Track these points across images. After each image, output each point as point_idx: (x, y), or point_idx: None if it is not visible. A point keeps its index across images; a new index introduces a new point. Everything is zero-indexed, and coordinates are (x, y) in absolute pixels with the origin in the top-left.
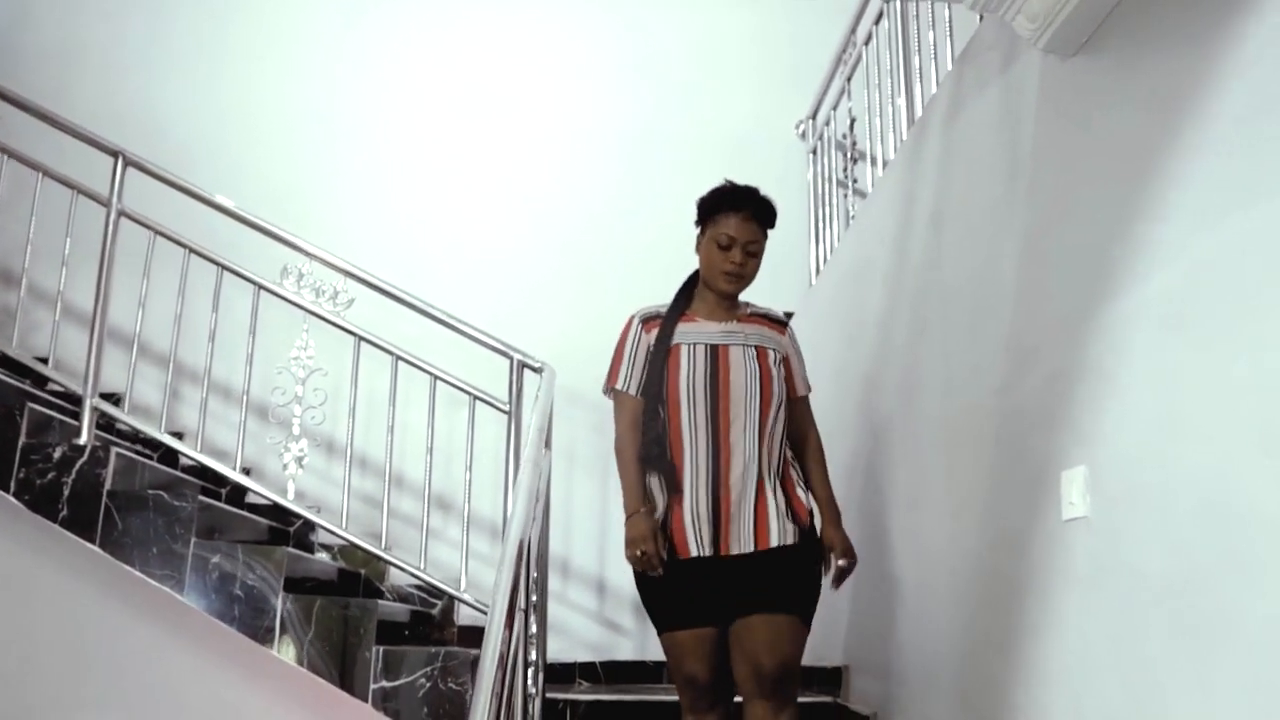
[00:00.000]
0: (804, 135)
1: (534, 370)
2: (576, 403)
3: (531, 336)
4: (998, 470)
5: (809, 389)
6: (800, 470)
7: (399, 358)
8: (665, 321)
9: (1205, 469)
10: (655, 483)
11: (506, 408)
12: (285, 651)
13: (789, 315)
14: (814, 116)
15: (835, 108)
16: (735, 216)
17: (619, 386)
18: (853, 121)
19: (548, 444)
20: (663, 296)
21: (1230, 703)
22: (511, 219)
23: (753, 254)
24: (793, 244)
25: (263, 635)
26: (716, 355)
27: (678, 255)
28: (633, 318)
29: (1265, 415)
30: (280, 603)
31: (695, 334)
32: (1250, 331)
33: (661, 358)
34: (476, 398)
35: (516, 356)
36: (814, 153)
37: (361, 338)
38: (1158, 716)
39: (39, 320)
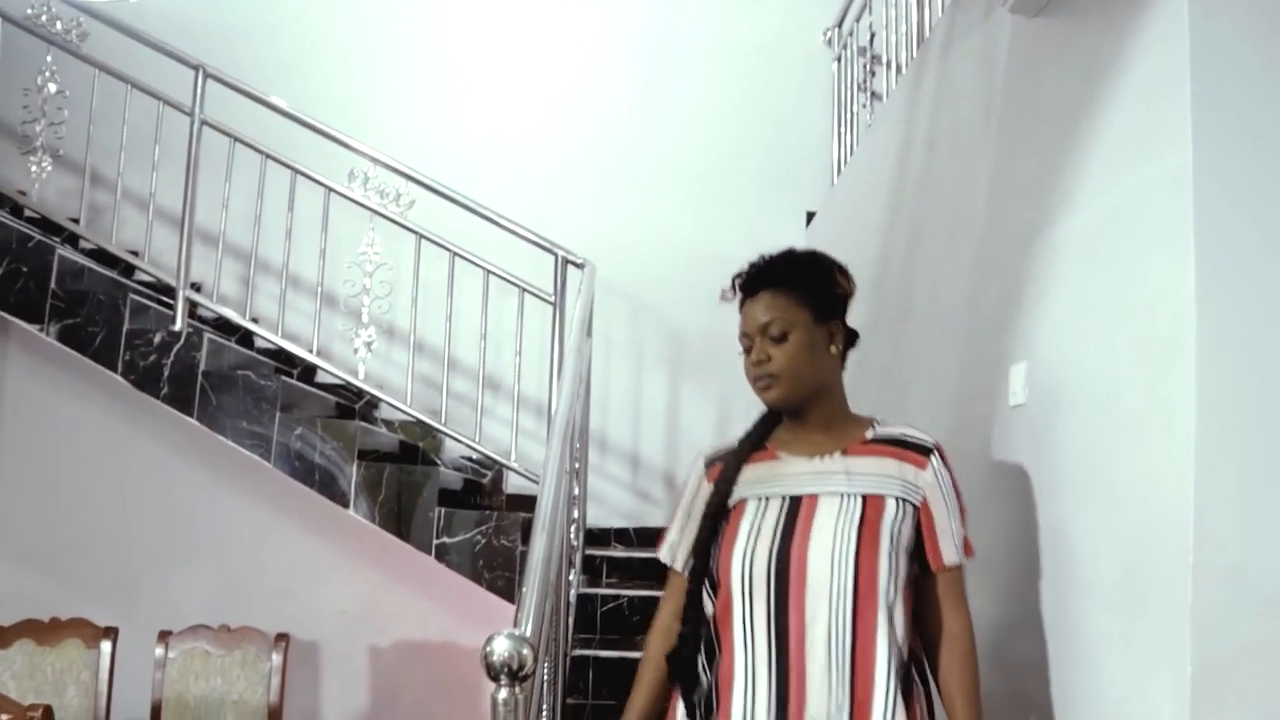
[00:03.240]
0: (830, 43)
1: (576, 265)
2: (613, 293)
3: (573, 233)
4: (965, 364)
5: (963, 553)
6: (933, 684)
7: (455, 253)
8: (728, 461)
9: (1102, 371)
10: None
11: (551, 299)
12: (359, 511)
13: (929, 448)
14: (839, 25)
15: (859, 19)
16: (747, 306)
17: (663, 557)
18: (872, 36)
19: (588, 332)
20: (694, 203)
21: (1120, 531)
22: (551, 123)
23: (777, 338)
24: (816, 144)
25: (339, 497)
26: (796, 514)
27: (706, 159)
28: (698, 457)
29: (1141, 333)
30: (354, 470)
31: (770, 481)
32: (1139, 268)
33: (714, 519)
34: (525, 290)
35: (560, 253)
36: (839, 60)
37: (421, 235)
38: (1068, 550)
39: (127, 218)
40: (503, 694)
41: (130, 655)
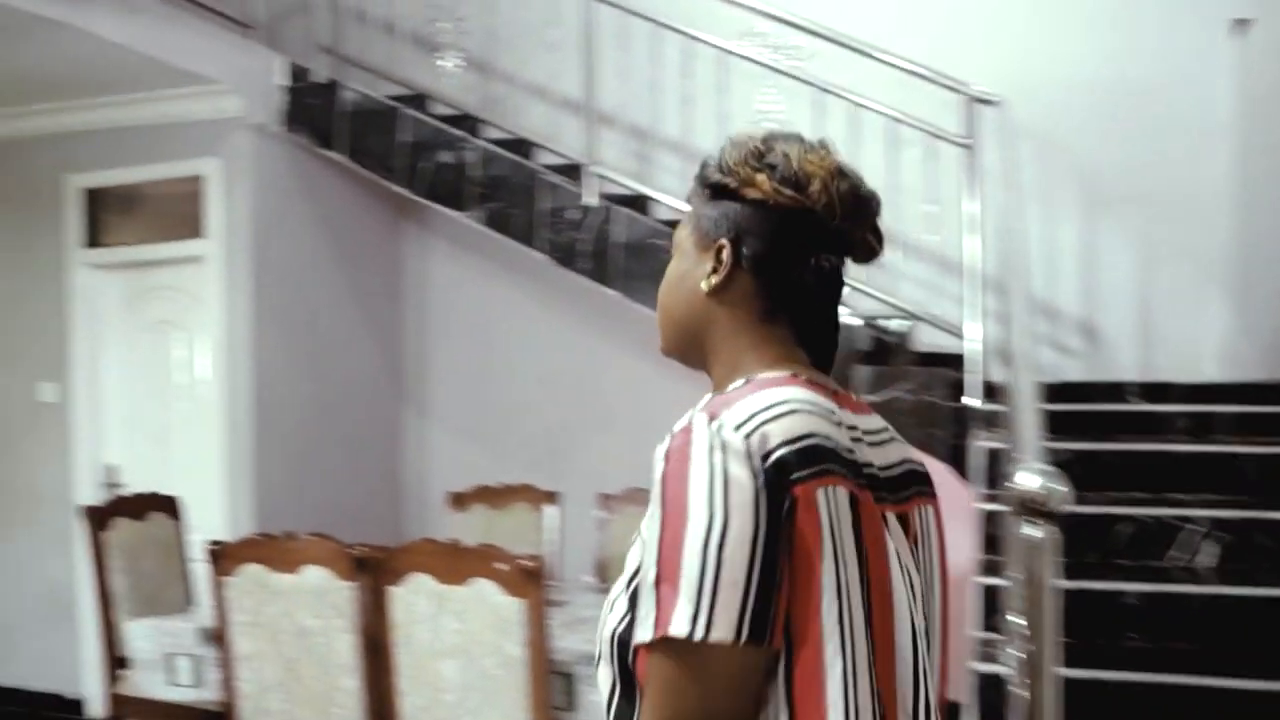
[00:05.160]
0: None
1: (986, 103)
2: (1017, 133)
3: (980, 70)
4: None
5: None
6: None
7: (855, 103)
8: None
9: None
10: None
11: (963, 140)
12: None
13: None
14: None
15: None
16: None
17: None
18: None
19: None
20: (1100, 22)
21: None
22: None
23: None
24: None
25: None
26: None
27: None
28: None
29: None
30: None
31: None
32: None
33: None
34: (934, 135)
35: (970, 92)
36: None
37: (820, 88)
38: None
39: (521, 106)
40: (1034, 531)
41: (568, 517)
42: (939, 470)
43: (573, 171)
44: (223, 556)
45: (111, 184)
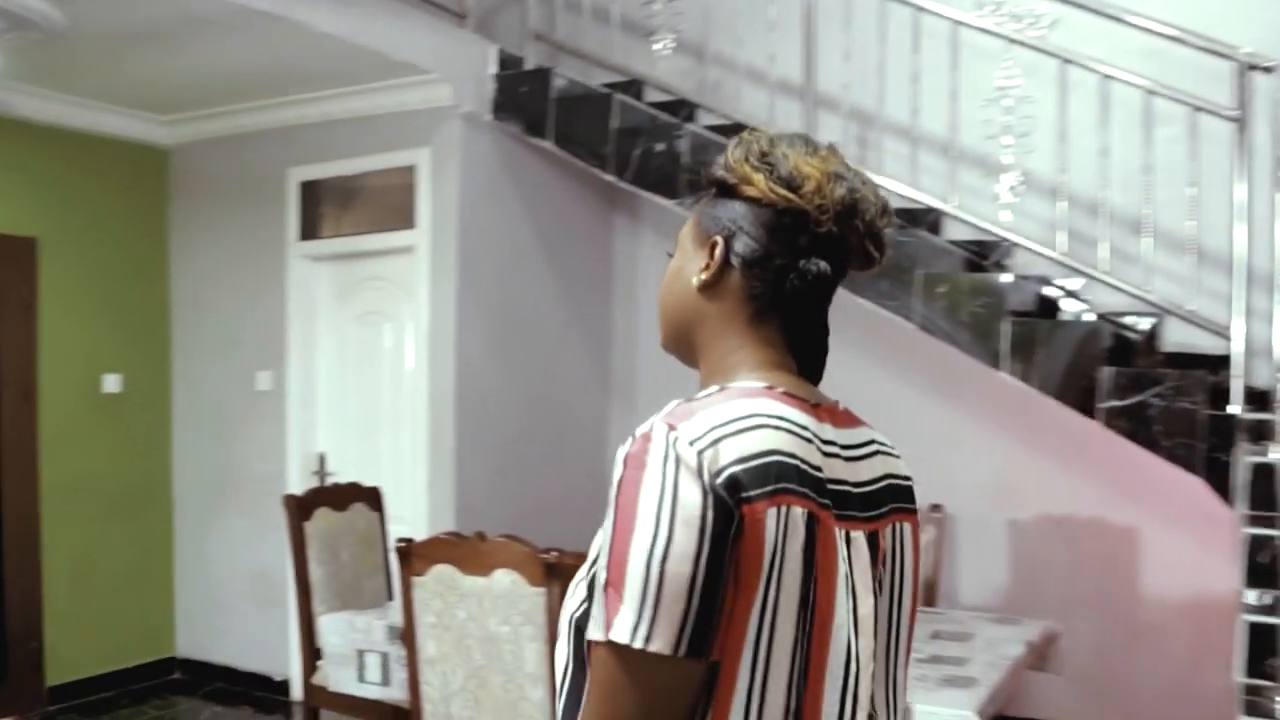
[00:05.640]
0: None
1: (1262, 71)
2: None
3: (1252, 33)
4: None
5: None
6: None
7: (1105, 75)
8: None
9: None
10: None
11: (1236, 114)
12: (1011, 372)
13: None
14: None
15: None
16: None
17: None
18: None
19: None
20: None
21: None
22: None
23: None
24: None
25: (989, 357)
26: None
27: None
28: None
29: None
30: (1004, 327)
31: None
32: None
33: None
34: (1198, 109)
35: (1241, 57)
36: None
37: (1065, 60)
38: None
39: (739, 91)
40: None
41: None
42: (1193, 487)
43: None
44: (412, 555)
45: (326, 176)
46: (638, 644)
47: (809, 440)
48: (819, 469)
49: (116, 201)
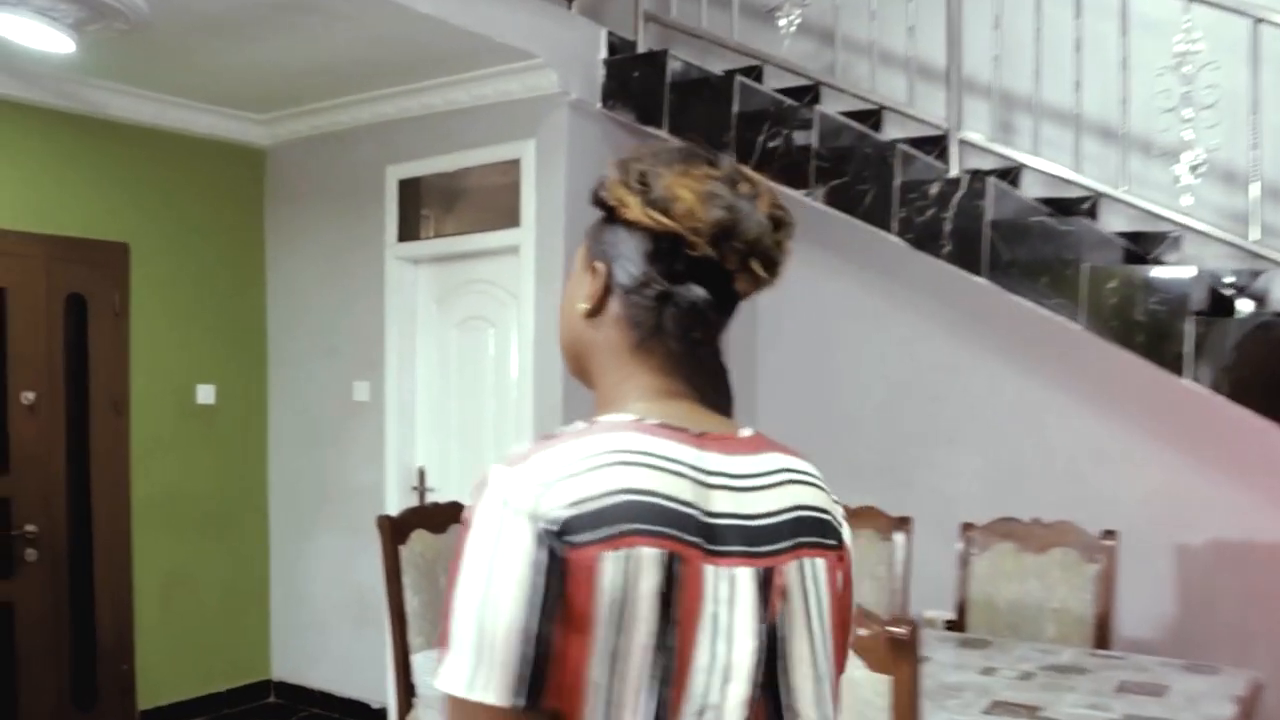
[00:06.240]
0: None
1: None
2: None
3: None
4: None
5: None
6: None
7: None
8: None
9: None
10: None
11: None
12: (1199, 379)
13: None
14: None
15: None
16: None
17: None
18: None
19: None
20: None
21: None
22: None
23: None
24: None
25: (1171, 362)
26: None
27: None
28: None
29: None
30: (1189, 327)
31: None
32: None
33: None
34: None
35: None
36: None
37: (1254, 18)
38: None
39: (868, 73)
40: None
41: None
42: None
43: (930, 144)
44: None
45: (425, 173)
46: (471, 694)
47: (677, 474)
48: (690, 504)
49: (210, 205)
